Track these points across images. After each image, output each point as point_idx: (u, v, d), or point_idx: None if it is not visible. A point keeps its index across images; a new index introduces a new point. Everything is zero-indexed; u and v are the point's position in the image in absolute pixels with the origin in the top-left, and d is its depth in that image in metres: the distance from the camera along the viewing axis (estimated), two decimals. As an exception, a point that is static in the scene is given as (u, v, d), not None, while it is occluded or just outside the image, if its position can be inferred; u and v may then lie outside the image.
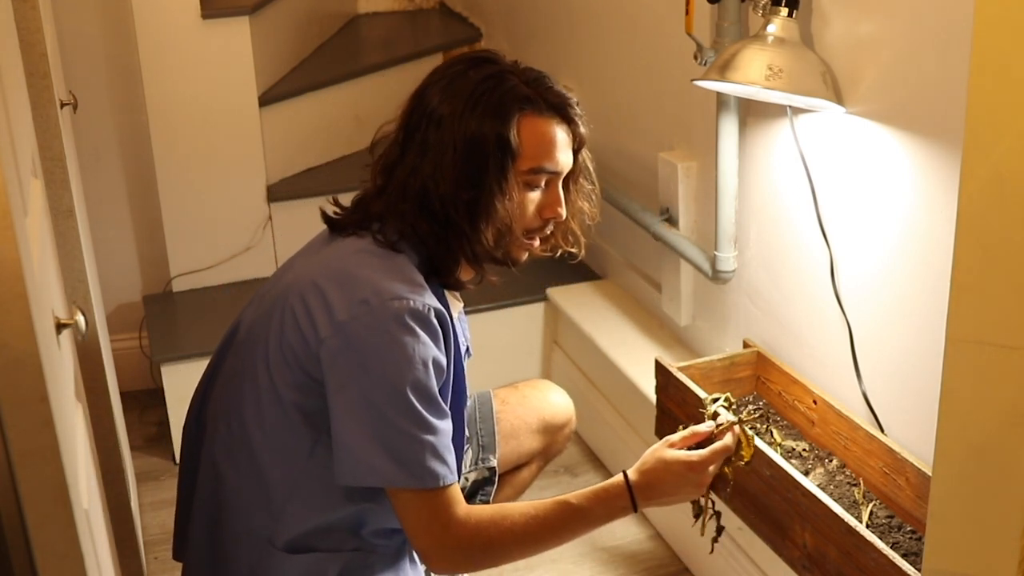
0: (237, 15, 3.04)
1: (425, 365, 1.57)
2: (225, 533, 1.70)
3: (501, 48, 3.54)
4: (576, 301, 2.94)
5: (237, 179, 3.17)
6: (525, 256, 1.75)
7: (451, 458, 1.61)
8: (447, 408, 1.63)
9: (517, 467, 2.08)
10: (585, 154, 1.77)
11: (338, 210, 1.76)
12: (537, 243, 1.74)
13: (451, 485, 1.61)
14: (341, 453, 1.58)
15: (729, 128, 2.19)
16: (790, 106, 2.01)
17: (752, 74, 1.84)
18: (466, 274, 1.72)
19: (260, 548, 1.67)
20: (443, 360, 1.62)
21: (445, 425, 1.61)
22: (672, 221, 2.51)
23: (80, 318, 1.37)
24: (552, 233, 1.77)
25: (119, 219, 3.17)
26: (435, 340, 1.60)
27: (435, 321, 1.60)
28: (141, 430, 3.03)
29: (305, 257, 1.74)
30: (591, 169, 1.80)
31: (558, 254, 1.84)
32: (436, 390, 1.60)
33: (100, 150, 3.10)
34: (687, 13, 2.13)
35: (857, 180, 1.91)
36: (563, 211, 1.72)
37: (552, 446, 2.11)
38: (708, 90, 2.05)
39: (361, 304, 1.56)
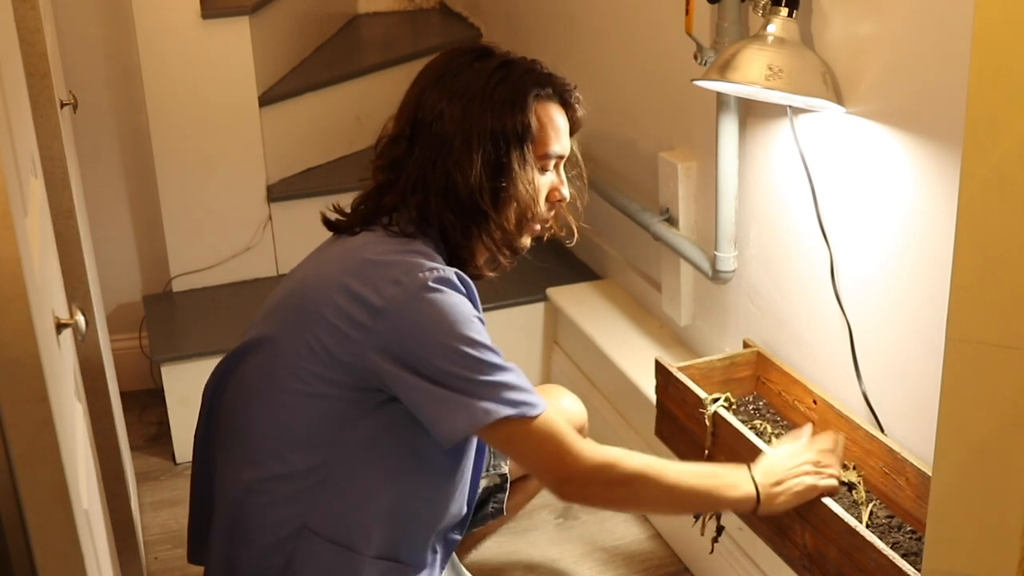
0: (237, 15, 3.04)
1: (470, 319, 1.60)
2: (251, 526, 1.69)
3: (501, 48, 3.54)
4: (576, 301, 2.94)
5: (237, 179, 3.17)
6: (530, 243, 1.80)
7: (535, 391, 1.63)
8: None
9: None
10: (574, 140, 1.82)
11: (340, 216, 1.77)
12: (539, 227, 1.79)
13: (550, 413, 1.62)
14: (432, 430, 1.60)
15: (729, 128, 2.19)
16: (790, 106, 2.01)
17: (752, 74, 1.84)
18: (481, 259, 1.76)
19: (297, 535, 1.66)
20: (482, 320, 1.65)
21: (514, 367, 1.63)
22: (672, 221, 2.51)
23: (80, 318, 1.37)
24: (554, 216, 1.82)
25: (119, 219, 3.17)
26: (472, 301, 1.64)
27: (463, 287, 1.63)
28: (141, 430, 3.03)
29: (316, 265, 1.74)
30: (579, 154, 1.85)
31: (545, 238, 1.87)
32: (490, 340, 1.61)
33: (100, 150, 3.10)
34: (687, 13, 2.13)
35: (857, 180, 1.91)
36: (567, 192, 1.78)
37: None
38: (708, 90, 2.05)
39: (393, 285, 1.59)
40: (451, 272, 1.62)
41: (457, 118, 1.68)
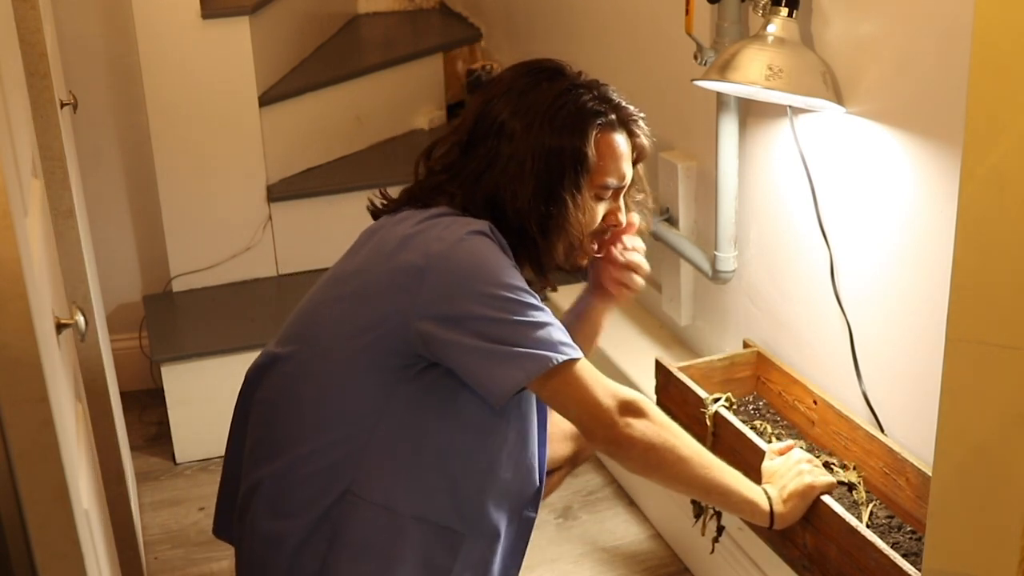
0: (237, 15, 3.04)
1: (505, 265, 1.61)
2: (295, 500, 1.69)
3: (501, 48, 3.55)
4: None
5: (237, 179, 3.17)
6: (586, 261, 1.80)
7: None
8: None
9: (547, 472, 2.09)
10: (639, 165, 1.82)
11: (385, 201, 1.80)
12: (595, 247, 1.79)
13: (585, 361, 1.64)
14: (481, 389, 1.60)
15: (729, 128, 2.19)
16: (790, 106, 2.01)
17: (752, 74, 1.84)
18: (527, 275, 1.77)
19: (342, 500, 1.66)
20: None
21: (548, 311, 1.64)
22: (672, 221, 2.51)
23: (80, 318, 1.37)
24: (607, 240, 1.82)
25: (119, 219, 3.18)
26: (504, 252, 1.64)
27: (495, 239, 1.64)
28: (141, 430, 3.04)
29: (357, 253, 1.75)
30: (644, 179, 1.84)
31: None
32: (525, 283, 1.62)
33: (100, 150, 3.10)
34: (687, 13, 2.13)
35: (857, 180, 1.91)
36: (623, 218, 1.77)
37: (582, 452, 2.11)
38: (708, 90, 2.05)
39: (436, 242, 1.61)
40: (485, 224, 1.64)
41: (515, 139, 1.67)
